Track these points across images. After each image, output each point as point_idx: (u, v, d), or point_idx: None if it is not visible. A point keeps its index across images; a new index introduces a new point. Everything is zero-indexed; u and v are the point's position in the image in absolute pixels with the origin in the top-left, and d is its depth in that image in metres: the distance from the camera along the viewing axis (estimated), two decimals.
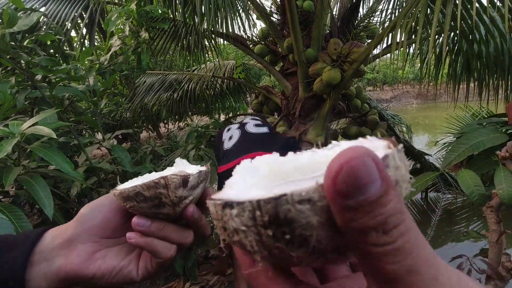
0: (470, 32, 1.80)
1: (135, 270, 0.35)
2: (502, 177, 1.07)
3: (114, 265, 0.34)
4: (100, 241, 0.35)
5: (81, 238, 0.34)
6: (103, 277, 0.34)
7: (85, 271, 0.33)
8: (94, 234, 0.35)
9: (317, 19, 2.38)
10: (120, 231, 0.37)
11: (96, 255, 0.34)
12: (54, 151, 1.09)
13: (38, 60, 1.35)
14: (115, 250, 0.36)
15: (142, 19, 2.01)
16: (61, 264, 0.33)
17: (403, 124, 4.00)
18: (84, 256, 0.34)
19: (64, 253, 0.33)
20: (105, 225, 0.36)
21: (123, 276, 0.35)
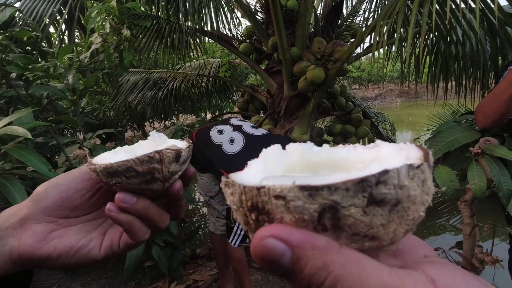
0: (447, 33, 1.86)
1: (96, 248, 0.33)
2: (474, 172, 1.12)
3: (72, 244, 0.32)
4: (57, 221, 0.33)
5: (35, 218, 0.32)
6: (60, 257, 0.31)
7: (39, 251, 0.31)
8: (49, 214, 0.32)
9: (301, 18, 2.40)
10: (80, 210, 0.35)
11: (52, 234, 0.32)
12: (30, 152, 1.06)
13: (12, 57, 1.31)
14: (74, 229, 0.33)
15: (124, 16, 1.97)
16: (13, 245, 0.31)
17: (386, 121, 4.09)
18: (39, 236, 0.31)
19: (17, 233, 0.31)
20: (62, 204, 0.33)
21: (82, 256, 0.32)
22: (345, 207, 0.16)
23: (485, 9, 1.64)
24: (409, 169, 0.16)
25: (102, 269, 2.46)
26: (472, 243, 1.23)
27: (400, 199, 0.16)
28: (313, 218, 0.16)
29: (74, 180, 0.34)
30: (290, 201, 0.16)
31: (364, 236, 0.16)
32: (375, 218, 0.16)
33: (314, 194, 0.16)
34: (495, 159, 1.15)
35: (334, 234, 0.16)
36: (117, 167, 0.30)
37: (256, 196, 0.17)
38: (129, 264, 1.84)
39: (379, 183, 0.16)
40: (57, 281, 2.30)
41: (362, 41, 1.85)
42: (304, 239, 0.16)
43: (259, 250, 0.16)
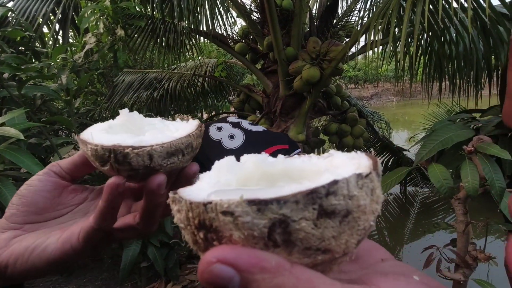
0: (441, 33, 1.87)
1: (52, 244, 0.29)
2: (467, 170, 1.13)
3: (28, 244, 0.30)
4: (23, 227, 0.32)
5: (2, 227, 0.31)
6: (17, 261, 0.29)
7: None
8: (13, 221, 0.31)
9: (296, 17, 2.41)
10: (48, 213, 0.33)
11: (14, 240, 0.30)
12: (22, 153, 1.05)
13: (4, 57, 1.29)
14: (37, 232, 0.32)
15: (118, 16, 1.95)
16: None
17: (382, 120, 4.12)
18: (1, 243, 0.30)
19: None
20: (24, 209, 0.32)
21: (38, 255, 0.29)
22: (296, 221, 0.15)
23: (478, 9, 1.66)
24: (358, 179, 0.16)
25: (97, 270, 2.44)
26: (465, 240, 1.24)
27: (350, 210, 0.16)
28: (263, 234, 0.15)
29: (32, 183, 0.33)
30: (238, 217, 0.15)
31: (317, 250, 0.16)
32: (326, 231, 0.16)
33: (263, 209, 0.15)
34: (488, 157, 1.16)
35: (286, 250, 0.16)
36: (181, 144, 0.28)
37: (203, 213, 0.16)
38: (125, 265, 1.84)
39: (329, 194, 0.15)
40: (52, 283, 2.28)
41: (357, 40, 1.86)
42: (253, 262, 0.15)
43: (206, 277, 0.15)
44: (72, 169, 0.34)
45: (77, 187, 0.35)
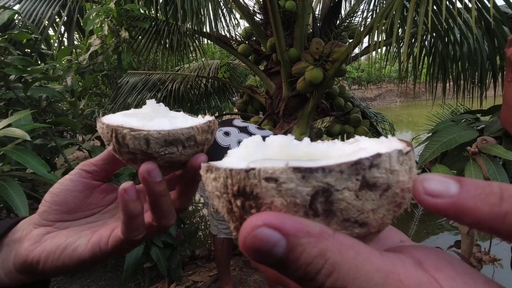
0: (445, 34, 1.86)
1: (82, 245, 0.30)
2: (471, 172, 1.12)
3: (60, 243, 0.31)
4: (54, 224, 0.33)
5: (35, 223, 0.33)
6: (48, 258, 0.30)
7: (31, 254, 0.30)
8: (45, 218, 0.33)
9: (299, 19, 2.41)
10: (78, 213, 0.34)
11: (46, 236, 0.32)
12: (28, 154, 1.06)
13: (11, 59, 1.31)
14: (68, 230, 0.33)
15: (122, 18, 1.97)
16: (17, 250, 0.31)
17: (386, 121, 4.10)
18: (34, 239, 0.31)
19: (22, 239, 0.32)
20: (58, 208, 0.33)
21: (68, 255, 0.30)
22: (339, 190, 0.15)
23: (482, 9, 1.65)
24: (399, 155, 0.16)
25: (101, 270, 2.46)
26: (470, 242, 1.23)
27: (390, 184, 0.16)
28: (305, 202, 0.15)
29: (64, 183, 0.33)
30: (282, 184, 0.15)
31: (354, 222, 0.16)
32: (366, 203, 0.16)
33: (308, 176, 0.15)
34: (492, 159, 1.15)
35: (325, 220, 0.16)
36: (180, 134, 0.27)
37: (244, 179, 0.16)
38: (128, 266, 1.84)
39: (372, 166, 0.15)
40: (56, 283, 2.30)
41: (360, 41, 1.86)
42: (299, 227, 0.15)
43: (250, 241, 0.15)
44: (103, 165, 0.34)
45: (107, 187, 0.36)
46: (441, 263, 0.16)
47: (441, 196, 0.15)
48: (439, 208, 0.15)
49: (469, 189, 0.15)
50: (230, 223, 0.18)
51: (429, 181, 0.15)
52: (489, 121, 1.53)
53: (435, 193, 0.15)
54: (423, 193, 0.15)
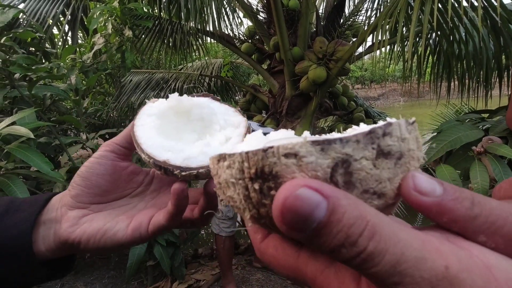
0: (450, 32, 1.84)
1: (122, 231, 0.33)
2: (477, 171, 1.11)
3: (99, 226, 0.33)
4: (88, 207, 0.35)
5: (69, 205, 0.34)
6: (89, 240, 0.33)
7: (72, 235, 0.33)
8: (79, 200, 0.34)
9: (303, 17, 2.40)
10: (109, 195, 0.36)
11: (83, 219, 0.34)
12: (32, 152, 1.07)
13: (16, 58, 1.32)
14: (104, 214, 0.35)
15: (126, 16, 1.98)
16: (56, 229, 0.34)
17: None
18: (72, 221, 0.33)
19: (58, 219, 0.34)
20: (91, 191, 0.34)
21: (109, 238, 0.33)
22: (357, 159, 0.15)
23: (488, 7, 1.63)
24: (406, 124, 0.17)
25: (104, 268, 2.47)
26: None
27: (403, 152, 0.17)
28: (326, 175, 0.15)
29: (93, 167, 0.35)
30: (302, 158, 0.15)
31: (373, 194, 0.16)
32: (383, 172, 0.16)
33: (327, 148, 0.15)
34: (498, 158, 1.14)
35: None
36: None
37: (263, 159, 0.16)
38: (132, 264, 1.85)
39: (385, 134, 0.16)
40: (60, 280, 2.31)
41: (364, 40, 1.84)
42: (336, 190, 0.15)
43: (291, 202, 0.14)
44: (126, 143, 0.36)
45: (134, 169, 0.38)
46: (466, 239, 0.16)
47: (428, 195, 0.16)
48: (424, 205, 0.16)
49: (450, 193, 0.16)
50: (246, 213, 0.18)
51: (420, 179, 0.16)
52: (495, 121, 1.52)
53: (423, 192, 0.16)
54: (413, 189, 0.16)
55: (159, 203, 0.37)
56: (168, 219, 0.32)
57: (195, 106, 0.35)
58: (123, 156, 0.36)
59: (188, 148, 0.31)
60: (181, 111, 0.35)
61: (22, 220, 0.33)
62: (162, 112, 0.34)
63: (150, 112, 0.34)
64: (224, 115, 0.34)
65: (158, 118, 0.34)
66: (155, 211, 0.35)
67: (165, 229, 0.33)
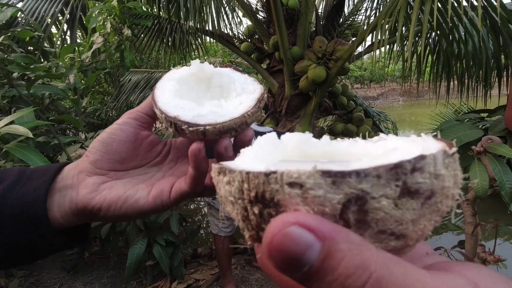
0: (449, 32, 1.84)
1: (143, 198, 0.33)
2: (476, 171, 1.11)
3: (119, 194, 0.33)
4: (108, 174, 0.34)
5: (87, 171, 0.34)
6: (110, 207, 0.33)
7: (92, 202, 0.32)
8: (99, 166, 0.34)
9: (302, 17, 2.40)
10: (128, 163, 0.36)
11: (102, 186, 0.33)
12: (31, 151, 1.06)
13: (14, 57, 1.31)
14: (123, 181, 0.35)
15: (125, 15, 1.97)
16: (72, 196, 0.33)
17: (388, 121, 4.08)
18: (91, 187, 0.33)
19: (75, 185, 0.34)
20: (110, 157, 0.34)
21: (131, 205, 0.33)
22: (375, 198, 0.13)
23: (488, 7, 1.63)
24: (444, 156, 0.14)
25: (103, 268, 2.47)
26: (474, 242, 1.22)
27: (434, 191, 0.14)
28: (335, 212, 0.13)
29: (115, 133, 0.34)
30: (309, 190, 0.13)
31: (391, 234, 0.14)
32: (406, 213, 0.14)
33: (340, 182, 0.13)
34: (497, 158, 1.14)
35: (357, 232, 0.14)
36: (233, 124, 0.30)
37: (264, 184, 0.14)
38: (131, 263, 1.85)
39: (415, 170, 0.13)
40: (59, 280, 2.31)
41: (364, 40, 1.84)
42: (338, 230, 0.13)
43: (278, 240, 0.12)
44: (149, 112, 0.35)
45: (154, 139, 0.37)
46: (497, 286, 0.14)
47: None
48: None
49: None
50: (245, 232, 0.17)
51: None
52: (494, 121, 1.52)
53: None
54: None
55: (177, 173, 0.36)
56: (190, 184, 0.32)
57: (216, 74, 0.35)
58: (145, 125, 0.36)
59: (199, 107, 0.32)
60: (202, 78, 0.35)
61: (35, 187, 0.32)
62: (183, 78, 0.35)
63: (171, 77, 0.35)
64: (243, 83, 0.34)
65: (178, 83, 0.34)
66: (175, 179, 0.35)
67: (187, 196, 0.33)
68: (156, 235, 1.98)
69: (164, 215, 2.03)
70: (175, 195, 0.33)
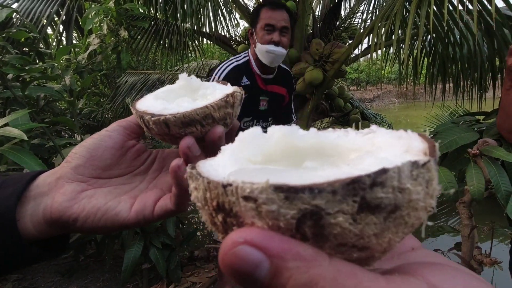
0: (445, 35, 1.86)
1: (125, 211, 0.32)
2: (472, 174, 1.12)
3: (99, 205, 0.31)
4: (89, 181, 0.32)
5: (67, 177, 0.32)
6: (88, 218, 0.31)
7: (69, 210, 0.30)
8: (80, 173, 0.32)
9: (300, 19, 2.41)
10: (112, 171, 0.34)
11: (82, 194, 0.32)
12: (25, 153, 1.05)
13: (8, 58, 1.30)
14: (104, 191, 0.33)
15: (121, 17, 1.96)
16: (47, 204, 0.31)
17: (384, 123, 4.10)
18: (69, 195, 0.31)
19: (51, 192, 0.31)
20: (93, 163, 0.32)
21: (110, 218, 0.31)
22: (331, 214, 0.13)
23: (483, 11, 1.65)
24: (412, 168, 0.13)
25: (99, 271, 2.44)
26: (470, 244, 1.22)
27: (399, 205, 0.13)
28: (290, 226, 0.13)
29: (103, 139, 0.33)
30: (262, 205, 0.13)
31: (353, 247, 0.14)
32: (367, 227, 0.13)
33: (292, 198, 0.13)
34: (493, 161, 1.15)
35: (317, 245, 0.13)
36: (195, 115, 0.29)
37: (222, 195, 0.14)
38: (127, 267, 1.83)
39: (374, 185, 0.13)
40: (54, 283, 2.28)
41: (360, 42, 1.85)
42: (286, 248, 0.13)
43: (229, 260, 0.13)
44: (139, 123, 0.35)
45: (140, 147, 0.36)
46: None
47: None
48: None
49: None
50: (218, 234, 0.17)
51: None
52: (489, 124, 1.53)
53: None
54: None
55: (160, 183, 0.35)
56: (175, 203, 0.31)
57: (202, 86, 0.35)
58: (134, 135, 0.35)
59: (169, 103, 0.32)
60: (189, 88, 0.35)
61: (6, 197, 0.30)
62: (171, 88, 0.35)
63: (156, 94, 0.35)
64: (223, 89, 0.34)
65: (164, 92, 0.35)
66: (159, 193, 0.33)
67: (172, 214, 0.32)
68: (153, 238, 1.96)
69: None
70: (160, 212, 0.32)
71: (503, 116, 1.23)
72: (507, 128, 1.22)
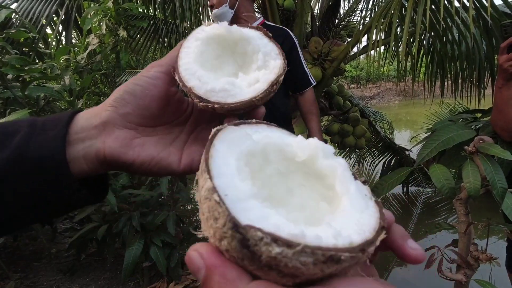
0: (443, 33, 1.86)
1: (175, 164, 0.33)
2: (469, 171, 1.13)
3: (153, 154, 0.33)
4: (137, 129, 0.33)
5: (117, 123, 0.32)
6: (142, 165, 0.32)
7: (124, 156, 0.31)
8: (130, 120, 0.32)
9: (298, 17, 2.41)
10: (156, 119, 0.34)
11: (134, 142, 0.32)
12: None
13: (8, 59, 1.31)
14: (153, 140, 0.34)
15: (120, 17, 1.97)
16: (99, 147, 0.31)
17: (384, 120, 4.10)
18: (122, 141, 0.32)
19: (100, 136, 0.31)
20: (141, 112, 0.32)
21: (163, 167, 0.33)
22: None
23: (480, 8, 1.65)
24: None
25: (100, 269, 2.46)
26: (467, 241, 1.23)
27: None
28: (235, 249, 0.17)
29: (148, 88, 0.33)
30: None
31: None
32: None
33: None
34: (489, 158, 1.15)
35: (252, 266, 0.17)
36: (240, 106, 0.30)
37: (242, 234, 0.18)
38: (127, 265, 1.85)
39: None
40: (55, 282, 2.30)
41: (359, 40, 1.86)
42: (217, 265, 0.17)
43: (186, 258, 0.18)
44: None
45: (180, 98, 0.36)
46: None
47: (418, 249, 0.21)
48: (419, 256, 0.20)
49: None
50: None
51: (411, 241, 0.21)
52: (486, 121, 1.54)
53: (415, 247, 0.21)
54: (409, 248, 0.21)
55: (201, 138, 0.36)
56: None
57: (242, 39, 0.34)
58: (174, 81, 0.33)
59: (213, 82, 0.31)
60: (229, 40, 0.35)
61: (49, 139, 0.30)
62: (210, 39, 0.34)
63: (198, 36, 0.34)
64: (266, 55, 0.33)
65: (203, 44, 0.33)
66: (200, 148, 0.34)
67: None
68: (153, 236, 1.98)
69: (161, 216, 2.03)
70: None
71: (496, 114, 1.24)
72: (500, 126, 1.23)
